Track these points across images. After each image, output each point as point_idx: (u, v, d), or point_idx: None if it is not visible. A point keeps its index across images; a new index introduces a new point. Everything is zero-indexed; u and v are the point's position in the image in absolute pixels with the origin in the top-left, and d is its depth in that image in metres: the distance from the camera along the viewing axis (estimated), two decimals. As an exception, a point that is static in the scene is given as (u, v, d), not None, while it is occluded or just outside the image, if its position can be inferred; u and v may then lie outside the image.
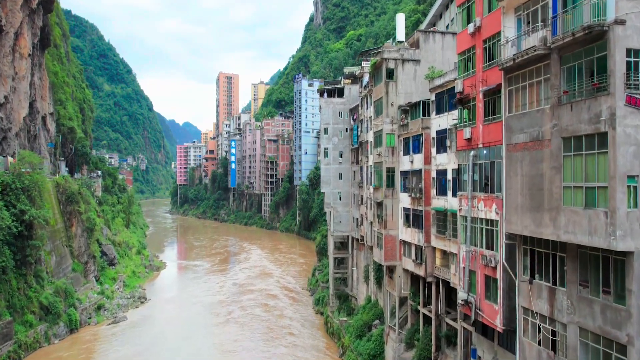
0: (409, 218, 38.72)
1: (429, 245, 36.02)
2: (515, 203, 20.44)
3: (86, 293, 67.83)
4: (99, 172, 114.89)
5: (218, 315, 71.69)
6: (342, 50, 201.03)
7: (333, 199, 61.42)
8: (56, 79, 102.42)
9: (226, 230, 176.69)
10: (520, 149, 19.98)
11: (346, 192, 61.36)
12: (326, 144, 61.74)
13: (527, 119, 19.51)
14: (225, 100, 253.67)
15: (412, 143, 38.42)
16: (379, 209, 42.76)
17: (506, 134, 21.14)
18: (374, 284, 51.78)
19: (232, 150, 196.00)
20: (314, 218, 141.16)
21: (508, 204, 21.08)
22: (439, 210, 34.29)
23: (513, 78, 20.78)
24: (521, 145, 19.88)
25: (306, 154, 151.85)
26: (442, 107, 34.59)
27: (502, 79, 21.61)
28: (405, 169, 39.44)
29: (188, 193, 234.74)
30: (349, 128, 61.30)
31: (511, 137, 20.66)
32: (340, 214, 61.38)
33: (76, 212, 73.08)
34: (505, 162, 21.30)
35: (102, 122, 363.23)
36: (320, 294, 70.45)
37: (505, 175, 21.46)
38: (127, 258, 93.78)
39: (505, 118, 21.30)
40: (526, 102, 19.91)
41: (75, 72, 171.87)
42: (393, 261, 41.03)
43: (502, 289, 23.44)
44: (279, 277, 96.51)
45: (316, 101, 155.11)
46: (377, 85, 42.95)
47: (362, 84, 57.13)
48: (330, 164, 61.72)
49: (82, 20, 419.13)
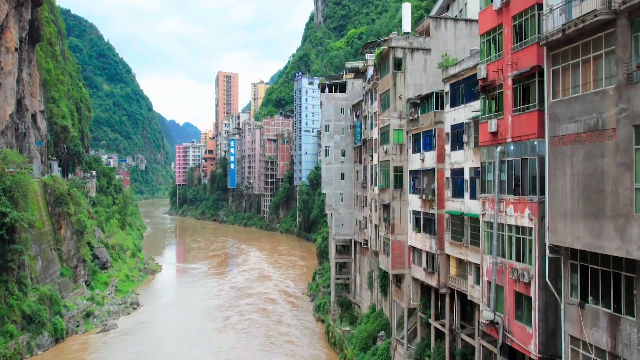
0: (420, 222, 34.89)
1: (443, 252, 32.21)
2: (563, 208, 16.62)
3: (75, 299, 64.02)
4: (93, 173, 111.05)
5: (215, 321, 68.04)
6: (343, 49, 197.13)
7: (335, 201, 57.59)
8: (49, 76, 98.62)
9: (225, 231, 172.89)
10: (569, 142, 16.19)
11: (348, 193, 57.55)
12: (327, 142, 57.93)
13: (581, 104, 15.71)
14: (224, 100, 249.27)
15: (423, 139, 34.60)
16: (385, 212, 38.94)
17: (550, 124, 17.32)
18: (379, 292, 47.97)
19: (231, 150, 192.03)
20: (314, 219, 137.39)
21: (553, 209, 17.26)
22: (454, 214, 30.48)
23: (560, 55, 16.94)
24: (571, 137, 16.08)
25: (306, 154, 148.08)
26: (457, 99, 30.78)
27: (545, 57, 17.76)
28: (415, 168, 35.63)
29: (187, 193, 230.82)
30: (352, 125, 57.51)
31: (557, 127, 16.84)
32: (343, 216, 57.55)
33: (65, 214, 69.28)
34: (549, 158, 17.47)
35: (102, 122, 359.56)
36: (321, 300, 66.63)
37: (548, 175, 17.62)
38: (121, 261, 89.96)
39: (549, 105, 17.47)
40: (578, 84, 16.11)
41: (72, 71, 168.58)
42: (401, 269, 37.22)
43: (537, 309, 19.63)
44: (278, 281, 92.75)
45: (317, 100, 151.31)
46: (384, 76, 39.13)
47: (365, 78, 53.34)
48: (331, 164, 57.91)
49: (81, 20, 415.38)
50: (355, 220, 56.80)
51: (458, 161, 30.37)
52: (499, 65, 22.51)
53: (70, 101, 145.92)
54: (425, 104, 34.39)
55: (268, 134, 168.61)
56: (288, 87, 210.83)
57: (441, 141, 32.42)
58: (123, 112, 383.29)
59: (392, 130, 37.24)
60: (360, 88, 56.65)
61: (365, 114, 51.83)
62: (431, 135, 33.38)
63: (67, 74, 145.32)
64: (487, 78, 23.48)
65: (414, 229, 35.78)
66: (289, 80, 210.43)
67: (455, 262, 31.35)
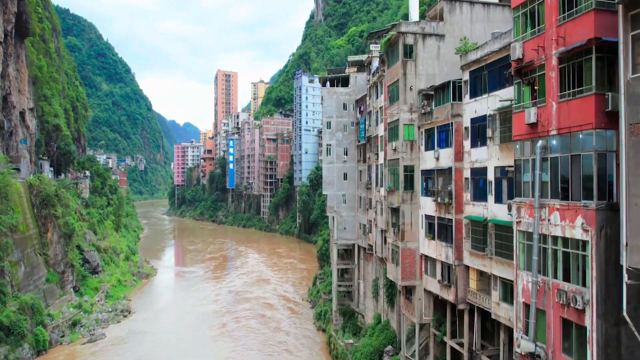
0: (434, 228, 30.89)
1: (461, 263, 28.21)
2: (646, 220, 12.64)
3: (60, 307, 60.01)
4: (87, 173, 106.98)
5: (211, 328, 64.30)
6: (344, 47, 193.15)
7: (337, 203, 53.55)
8: (41, 73, 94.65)
9: (224, 232, 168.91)
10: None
11: (352, 194, 53.50)
12: (329, 140, 53.90)
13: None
14: (223, 99, 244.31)
15: (438, 135, 30.61)
16: (394, 217, 34.94)
17: (629, 108, 13.37)
18: (385, 302, 43.96)
19: (230, 149, 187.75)
20: (314, 220, 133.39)
21: (634, 220, 13.25)
22: (475, 220, 26.48)
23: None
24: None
25: (307, 154, 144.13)
26: (479, 88, 26.80)
27: (621, 19, 13.77)
28: (428, 167, 31.64)
29: (185, 194, 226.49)
30: (355, 122, 53.49)
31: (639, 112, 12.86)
32: (345, 219, 53.50)
33: (52, 217, 65.29)
34: (628, 152, 13.50)
35: (101, 122, 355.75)
36: (322, 308, 62.61)
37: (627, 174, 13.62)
38: (114, 265, 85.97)
39: (627, 82, 13.51)
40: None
41: (68, 69, 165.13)
42: (412, 280, 33.21)
43: (595, 343, 15.63)
44: (277, 285, 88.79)
45: (317, 98, 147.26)
46: (392, 66, 35.11)
47: (370, 71, 49.34)
48: (333, 163, 53.88)
49: (80, 19, 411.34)
50: (359, 223, 52.80)
51: (480, 159, 26.38)
52: (539, 42, 18.49)
53: (65, 100, 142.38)
54: (441, 95, 30.38)
55: (267, 134, 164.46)
56: (288, 85, 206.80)
57: (459, 137, 28.42)
58: (122, 112, 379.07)
59: (402, 125, 33.25)
60: (364, 82, 52.66)
61: (370, 110, 47.83)
62: (447, 130, 29.38)
63: (62, 72, 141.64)
64: (523, 59, 19.48)
65: (427, 235, 31.78)
66: (289, 79, 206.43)
67: (475, 274, 27.36)
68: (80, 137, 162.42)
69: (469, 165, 27.47)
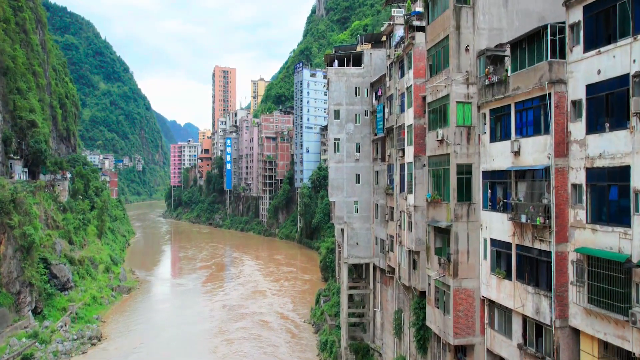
0: (509, 262, 19.63)
1: (566, 324, 16.94)
2: None
3: (9, 338, 48.77)
4: (66, 174, 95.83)
5: (199, 353, 53.79)
6: (347, 41, 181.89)
7: (347, 212, 42.16)
8: (14, 64, 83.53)
9: (220, 236, 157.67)
10: None
11: (366, 201, 42.10)
12: (337, 133, 42.48)
13: None
14: (221, 96, 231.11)
15: (518, 116, 19.32)
16: (440, 240, 23.63)
17: None
18: (415, 346, 32.62)
19: (228, 149, 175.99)
20: (317, 225, 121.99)
21: None
22: (598, 256, 15.23)
23: None
24: None
25: (308, 153, 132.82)
26: (604, 33, 15.54)
27: None
28: (498, 166, 20.39)
29: (182, 195, 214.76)
30: (371, 110, 42.12)
31: None
32: (358, 232, 42.14)
33: (6, 227, 54.16)
34: None
35: (98, 122, 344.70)
36: (328, 336, 51.36)
37: None
38: (90, 279, 74.74)
39: None
40: None
41: (57, 65, 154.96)
42: (469, 337, 21.91)
43: None
44: (276, 299, 77.63)
45: (319, 93, 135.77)
46: (438, 17, 23.69)
47: (390, 44, 38.05)
48: (342, 162, 42.47)
49: (77, 17, 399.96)
50: (375, 238, 41.47)
51: (609, 153, 15.10)
52: None
53: (52, 96, 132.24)
54: (524, 53, 19.03)
55: (266, 132, 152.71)
56: (288, 82, 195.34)
57: (562, 117, 17.13)
58: (120, 111, 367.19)
59: (454, 104, 21.94)
60: (382, 60, 41.35)
61: (391, 93, 36.55)
62: (537, 107, 18.11)
63: (47, 67, 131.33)
64: None
65: (496, 271, 20.50)
66: (290, 75, 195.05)
67: (596, 347, 16.08)
68: (69, 136, 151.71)
69: (584, 162, 16.19)
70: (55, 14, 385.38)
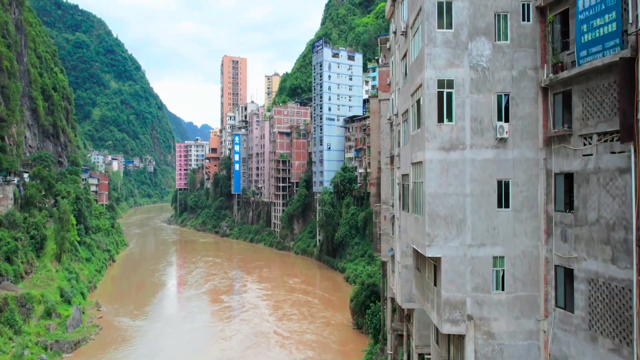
0: None
1: None
2: None
3: None
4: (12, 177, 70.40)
5: None
6: (372, 24, 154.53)
7: (472, 287, 14.93)
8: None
9: (227, 248, 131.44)
10: None
11: (525, 258, 14.82)
12: (445, 67, 15.24)
13: None
14: (230, 89, 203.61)
15: None
16: None
17: None
18: None
19: (236, 147, 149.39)
20: (340, 240, 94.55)
21: None
22: None
23: None
24: None
25: (329, 150, 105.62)
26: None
27: None
28: None
29: (187, 199, 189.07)
30: (541, 4, 14.73)
31: None
32: (503, 345, 14.88)
33: None
34: None
35: (108, 122, 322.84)
36: None
37: None
38: (10, 332, 48.80)
39: None
40: None
41: (45, 54, 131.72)
42: None
43: None
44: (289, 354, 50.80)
45: (343, 77, 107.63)
46: None
47: None
48: (459, 148, 15.26)
49: (89, 15, 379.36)
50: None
51: None
52: None
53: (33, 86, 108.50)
54: None
55: (279, 126, 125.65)
56: (305, 72, 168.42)
57: None
58: (131, 110, 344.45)
59: None
60: None
61: None
62: None
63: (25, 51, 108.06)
64: None
65: None
66: (306, 65, 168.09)
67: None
68: (58, 133, 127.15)
69: None
70: (66, 12, 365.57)
